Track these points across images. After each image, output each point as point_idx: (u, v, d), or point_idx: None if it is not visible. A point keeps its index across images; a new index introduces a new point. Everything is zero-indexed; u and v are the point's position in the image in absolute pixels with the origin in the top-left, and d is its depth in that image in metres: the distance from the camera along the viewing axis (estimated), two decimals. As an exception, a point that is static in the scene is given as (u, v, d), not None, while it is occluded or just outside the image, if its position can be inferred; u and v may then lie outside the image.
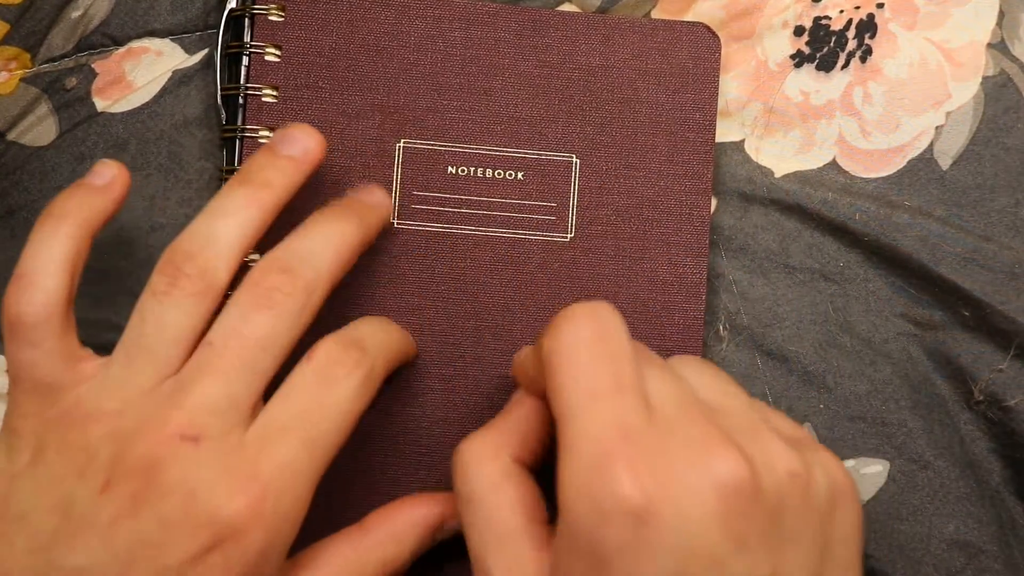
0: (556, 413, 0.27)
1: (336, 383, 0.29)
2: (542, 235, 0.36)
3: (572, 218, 0.36)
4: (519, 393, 0.32)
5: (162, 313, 0.29)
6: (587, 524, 0.25)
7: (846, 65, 0.38)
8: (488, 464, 0.30)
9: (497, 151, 0.36)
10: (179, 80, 0.38)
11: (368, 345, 0.31)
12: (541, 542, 0.28)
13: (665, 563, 0.25)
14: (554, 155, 0.37)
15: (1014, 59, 0.38)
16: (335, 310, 0.36)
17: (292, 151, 0.32)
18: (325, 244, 0.31)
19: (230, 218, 0.30)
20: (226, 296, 0.30)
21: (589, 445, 0.26)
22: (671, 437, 0.26)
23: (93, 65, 0.37)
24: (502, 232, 0.36)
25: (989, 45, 0.38)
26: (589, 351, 0.27)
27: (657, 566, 0.25)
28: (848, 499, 0.29)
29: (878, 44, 0.38)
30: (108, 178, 0.32)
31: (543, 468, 0.31)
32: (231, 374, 0.29)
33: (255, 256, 0.34)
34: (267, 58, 0.36)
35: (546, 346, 0.28)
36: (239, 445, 0.28)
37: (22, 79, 0.37)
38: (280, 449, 0.28)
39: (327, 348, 0.30)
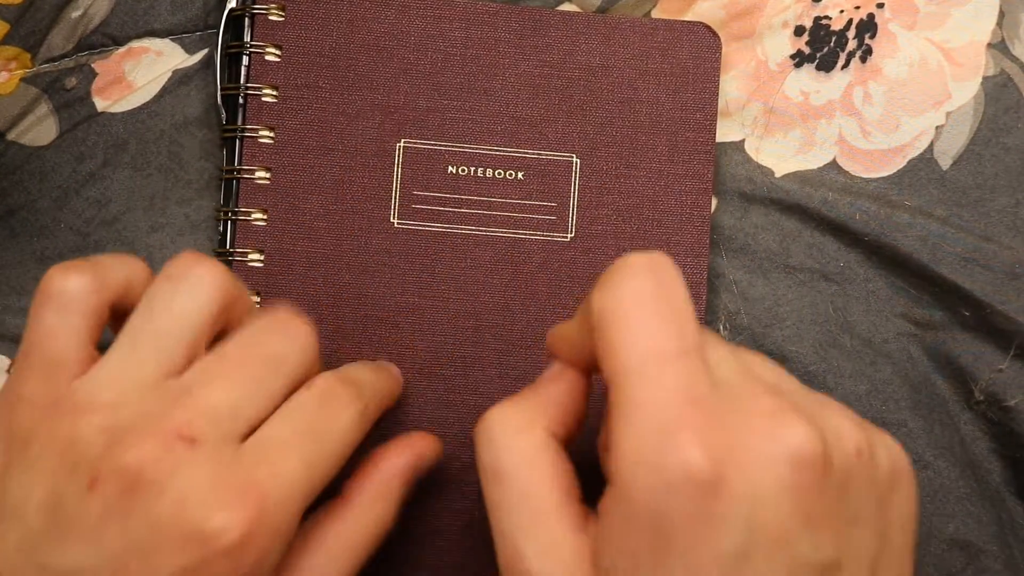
0: (611, 376, 0.25)
1: (337, 410, 0.29)
2: (542, 235, 0.36)
3: (572, 218, 0.36)
4: (556, 365, 0.30)
5: (175, 298, 0.28)
6: (649, 496, 0.24)
7: (846, 65, 0.38)
8: (522, 436, 0.27)
9: (497, 151, 0.36)
10: (179, 80, 0.38)
11: (363, 386, 0.31)
12: (579, 523, 0.26)
13: (733, 538, 0.23)
14: (554, 155, 0.37)
15: (1014, 59, 0.38)
16: (335, 310, 0.36)
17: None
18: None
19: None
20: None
21: (653, 411, 0.24)
22: (739, 406, 0.25)
23: (93, 65, 0.37)
24: (502, 232, 0.36)
25: (989, 45, 0.38)
26: (651, 307, 0.25)
27: (725, 540, 0.23)
28: (907, 483, 0.27)
29: (878, 44, 0.38)
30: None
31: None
32: (240, 386, 0.28)
33: None
34: (267, 58, 0.36)
35: (599, 302, 0.26)
36: (234, 457, 0.27)
37: (22, 79, 0.37)
38: (280, 464, 0.27)
39: (327, 379, 0.30)
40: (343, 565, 0.30)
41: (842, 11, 0.38)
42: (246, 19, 0.36)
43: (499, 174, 0.36)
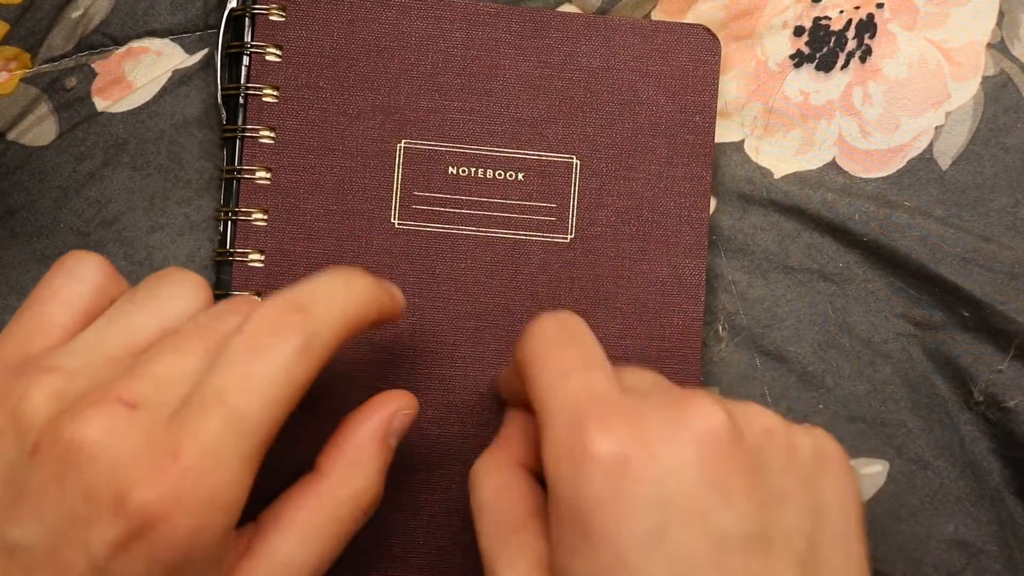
0: (535, 403, 0.28)
1: (268, 352, 0.26)
2: (542, 236, 0.36)
3: (572, 219, 0.37)
4: (509, 411, 0.33)
5: (160, 290, 0.29)
6: (568, 486, 0.25)
7: (846, 65, 0.38)
8: (494, 474, 0.31)
9: (497, 152, 0.36)
10: (179, 80, 0.38)
11: (313, 307, 0.27)
12: (544, 532, 0.28)
13: (647, 515, 0.25)
14: (554, 156, 0.37)
15: (1014, 59, 0.38)
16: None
17: None
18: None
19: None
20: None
21: (563, 413, 0.26)
22: (646, 401, 0.27)
23: (93, 65, 0.37)
24: (502, 233, 0.36)
25: (989, 45, 0.38)
26: (556, 341, 0.29)
27: (639, 519, 0.25)
28: (838, 467, 0.28)
29: (878, 44, 0.38)
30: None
31: None
32: (187, 350, 0.27)
33: None
34: (268, 58, 0.36)
35: (519, 353, 0.29)
36: (168, 418, 0.26)
37: (22, 79, 0.37)
38: (201, 427, 0.25)
39: (262, 313, 0.27)
40: (318, 545, 0.29)
41: (842, 11, 0.38)
42: (246, 19, 0.36)
43: (499, 175, 0.36)
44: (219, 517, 0.25)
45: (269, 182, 0.36)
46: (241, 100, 0.36)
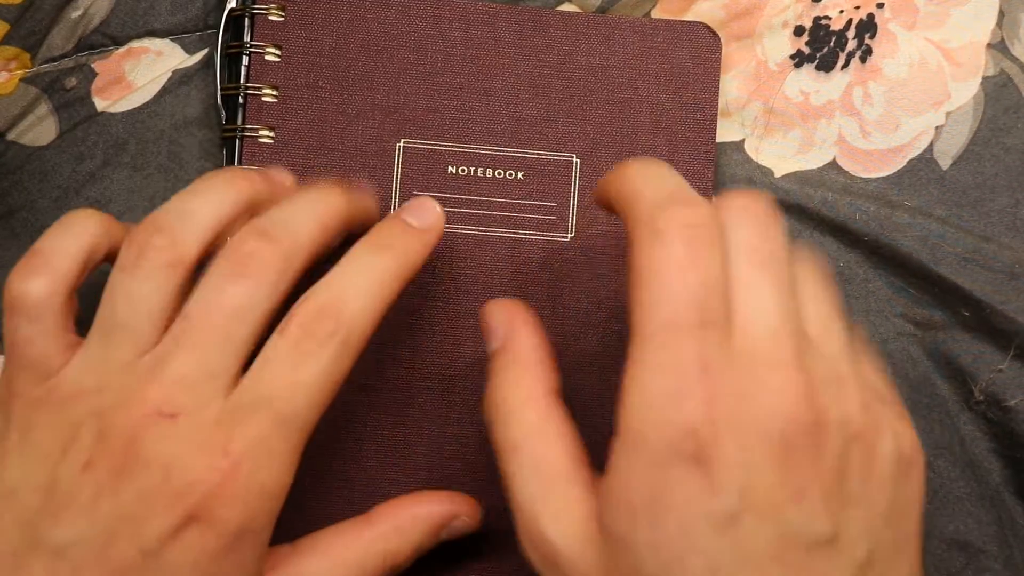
0: (635, 324, 0.26)
1: (310, 357, 0.28)
2: (542, 235, 0.36)
3: (572, 218, 0.36)
4: (518, 318, 0.31)
5: (131, 287, 0.29)
6: (652, 453, 0.25)
7: (846, 65, 0.38)
8: (528, 408, 0.29)
9: (497, 151, 0.36)
10: (179, 80, 0.38)
11: (343, 310, 0.29)
12: (588, 485, 0.28)
13: (725, 499, 0.25)
14: (554, 155, 0.37)
15: (1014, 59, 0.38)
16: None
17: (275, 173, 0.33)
18: (308, 211, 0.30)
19: (206, 195, 0.30)
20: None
21: (666, 375, 0.25)
22: (751, 376, 0.26)
23: (93, 65, 0.37)
24: (502, 232, 0.36)
25: (989, 45, 0.38)
26: (680, 272, 0.26)
27: (717, 501, 0.25)
28: (915, 471, 0.28)
29: (878, 44, 0.38)
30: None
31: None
32: (207, 346, 0.28)
33: None
34: (267, 58, 0.36)
35: (633, 224, 0.28)
36: (215, 420, 0.28)
37: (22, 79, 0.37)
38: (251, 427, 0.28)
39: (300, 321, 0.29)
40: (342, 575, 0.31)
41: (842, 11, 0.38)
42: (246, 19, 0.36)
43: (499, 174, 0.36)
44: (267, 504, 0.28)
45: (269, 182, 0.36)
46: (240, 100, 0.36)
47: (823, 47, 0.38)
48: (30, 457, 0.28)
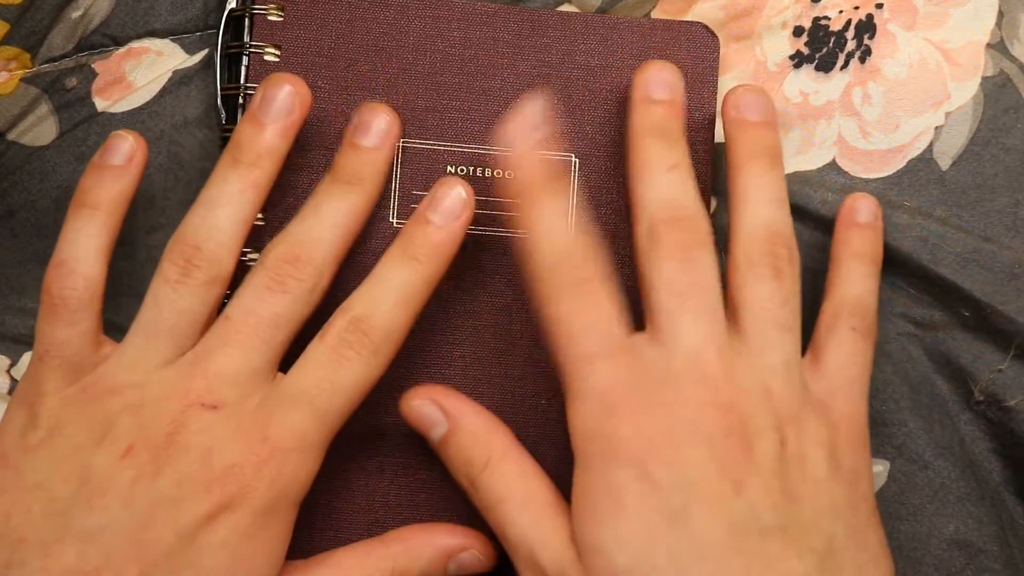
0: (563, 373, 0.31)
1: (348, 362, 0.31)
2: (541, 235, 0.36)
3: (572, 218, 0.36)
4: (446, 401, 0.34)
5: (177, 300, 0.31)
6: (600, 464, 0.30)
7: (845, 65, 0.38)
8: (505, 463, 0.33)
9: (497, 151, 0.36)
10: (179, 80, 0.38)
11: (374, 329, 0.32)
12: (567, 512, 0.31)
13: (673, 497, 0.29)
14: (554, 155, 0.37)
15: (1013, 59, 0.38)
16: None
17: (276, 117, 0.33)
18: (333, 224, 0.33)
19: (228, 207, 0.32)
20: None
21: (593, 400, 0.30)
22: (675, 390, 0.30)
23: (93, 65, 0.38)
24: (502, 232, 0.36)
25: (988, 45, 0.38)
26: (582, 315, 0.31)
27: (667, 499, 0.29)
28: (850, 462, 0.32)
29: (877, 44, 0.38)
30: (126, 154, 0.33)
31: None
32: (248, 346, 0.31)
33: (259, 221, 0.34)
34: (267, 58, 0.36)
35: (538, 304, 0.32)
36: (254, 411, 0.30)
37: (22, 79, 0.37)
38: (291, 416, 0.30)
39: (338, 330, 0.32)
40: None
41: (841, 11, 0.38)
42: (246, 19, 0.36)
43: (498, 174, 0.36)
44: (295, 490, 0.31)
45: (268, 182, 0.36)
46: (240, 100, 0.36)
47: (822, 47, 0.38)
48: (60, 450, 0.30)
